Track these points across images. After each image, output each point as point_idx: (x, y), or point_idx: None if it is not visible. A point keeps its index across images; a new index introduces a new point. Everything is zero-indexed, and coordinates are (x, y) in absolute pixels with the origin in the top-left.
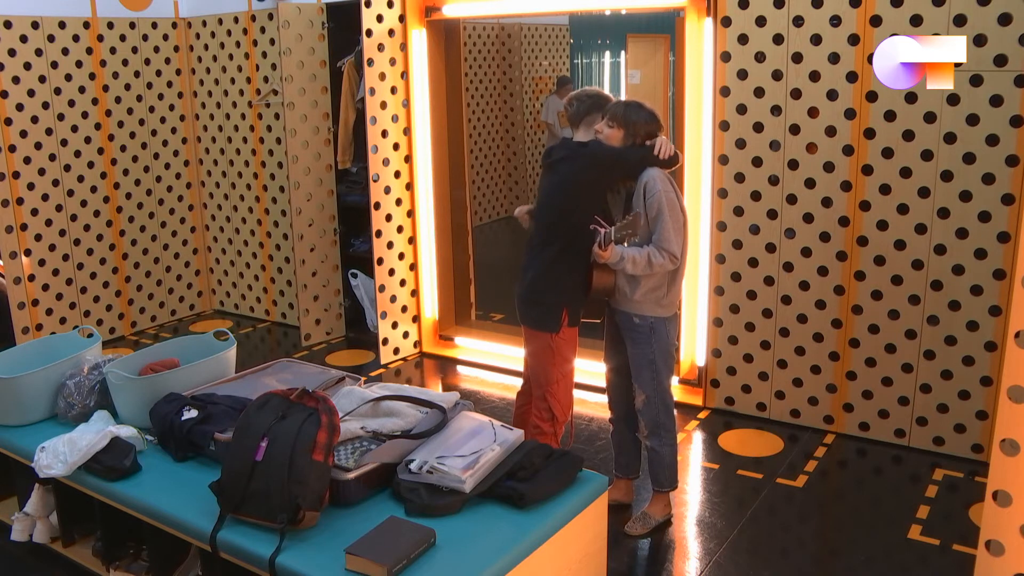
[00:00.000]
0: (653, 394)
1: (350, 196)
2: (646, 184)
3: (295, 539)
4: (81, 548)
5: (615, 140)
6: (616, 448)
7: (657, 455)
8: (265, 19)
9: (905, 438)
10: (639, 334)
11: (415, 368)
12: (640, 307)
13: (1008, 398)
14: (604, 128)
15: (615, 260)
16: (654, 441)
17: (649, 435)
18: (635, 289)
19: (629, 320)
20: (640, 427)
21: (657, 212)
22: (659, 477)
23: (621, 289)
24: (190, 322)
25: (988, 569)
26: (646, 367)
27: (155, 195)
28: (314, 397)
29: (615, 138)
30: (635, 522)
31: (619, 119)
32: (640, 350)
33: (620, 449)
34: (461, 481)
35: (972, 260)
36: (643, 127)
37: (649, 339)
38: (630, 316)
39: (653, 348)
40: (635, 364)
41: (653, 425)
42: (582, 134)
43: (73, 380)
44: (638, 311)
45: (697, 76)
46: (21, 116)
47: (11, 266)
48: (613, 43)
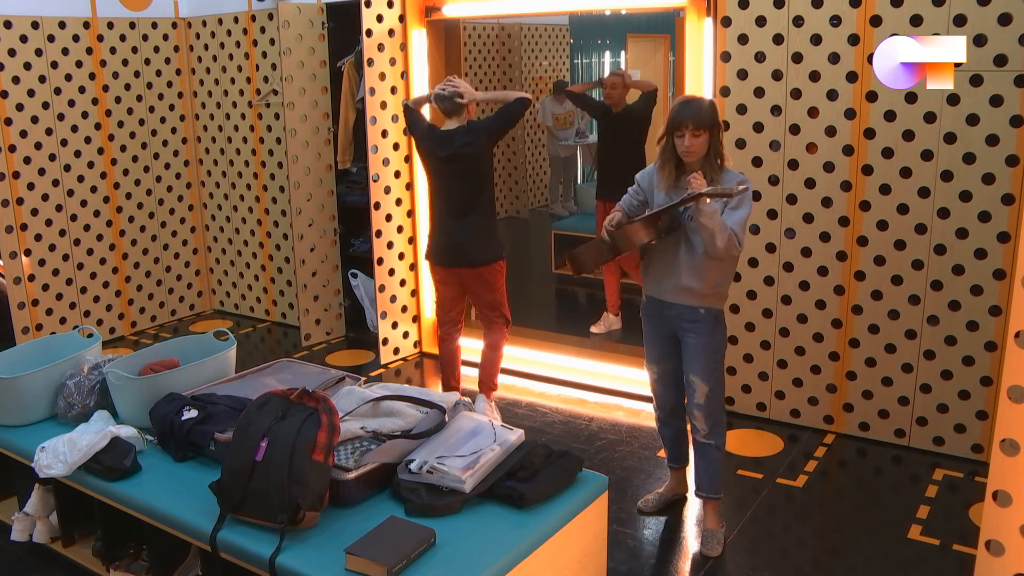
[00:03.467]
0: (716, 385)
1: (350, 196)
2: (740, 180)
3: (295, 539)
4: (81, 548)
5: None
6: (670, 440)
7: (715, 453)
8: (265, 19)
9: (905, 438)
10: (704, 325)
11: (415, 368)
12: (707, 300)
13: (1008, 398)
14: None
15: (712, 210)
16: (715, 437)
17: (709, 432)
18: (703, 283)
19: (693, 312)
20: (697, 425)
21: (741, 204)
22: (715, 482)
23: (685, 284)
24: (190, 322)
25: (988, 569)
26: (710, 357)
27: (155, 195)
28: (314, 397)
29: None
30: (710, 543)
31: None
32: (705, 340)
33: (675, 440)
34: (461, 481)
35: (972, 260)
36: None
37: (714, 329)
38: (694, 309)
39: (717, 338)
40: (697, 355)
41: (713, 420)
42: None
43: (73, 380)
44: (704, 304)
45: (697, 76)
46: (21, 116)
47: (11, 266)
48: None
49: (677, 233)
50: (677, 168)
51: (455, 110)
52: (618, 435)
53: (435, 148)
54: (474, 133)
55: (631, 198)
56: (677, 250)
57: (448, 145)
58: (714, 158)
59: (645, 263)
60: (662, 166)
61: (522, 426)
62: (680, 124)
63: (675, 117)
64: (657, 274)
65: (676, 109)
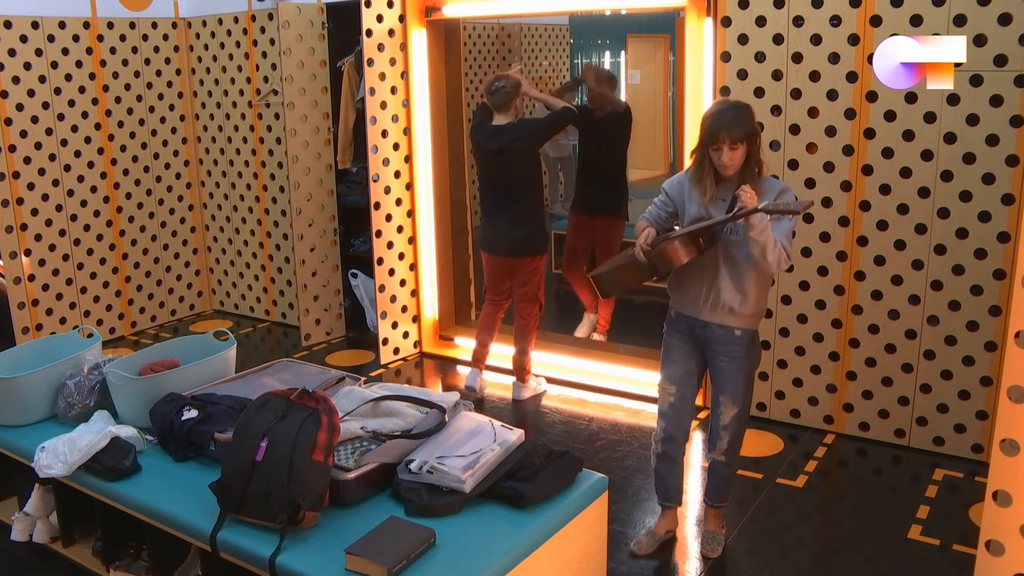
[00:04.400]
0: (744, 407)
1: (350, 196)
2: (782, 189)
3: (295, 539)
4: (81, 548)
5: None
6: (668, 475)
7: (727, 470)
8: (265, 19)
9: (905, 438)
10: (739, 347)
11: (415, 368)
12: (746, 320)
13: (1008, 398)
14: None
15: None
16: (731, 456)
17: (727, 450)
18: (745, 302)
19: (728, 334)
20: (719, 445)
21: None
22: (723, 492)
23: (727, 303)
24: (190, 322)
25: (988, 569)
26: (743, 379)
27: (155, 195)
28: (314, 397)
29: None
30: (711, 544)
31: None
32: (738, 364)
33: (672, 474)
34: (461, 481)
35: (972, 260)
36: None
37: (749, 351)
38: (730, 329)
39: (752, 360)
40: (730, 377)
41: (734, 440)
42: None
43: (73, 380)
44: (741, 324)
45: (697, 76)
46: (21, 116)
47: (11, 266)
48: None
49: (715, 248)
50: (717, 181)
51: (503, 102)
52: (618, 435)
53: (485, 142)
54: (523, 130)
55: (659, 210)
56: (717, 266)
57: (498, 139)
58: (753, 166)
59: (675, 277)
60: (700, 180)
61: (522, 426)
62: (717, 137)
63: (712, 129)
64: (691, 291)
65: (712, 120)
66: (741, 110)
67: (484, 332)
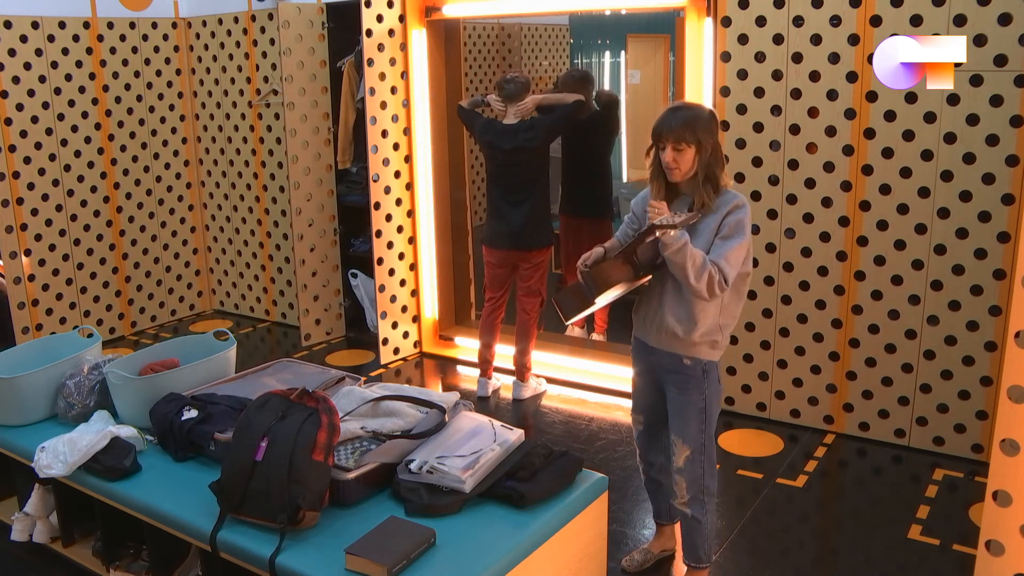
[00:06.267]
0: (699, 449)
1: (350, 196)
2: (737, 203)
3: (295, 539)
4: (81, 548)
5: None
6: (655, 493)
7: (698, 525)
8: (265, 19)
9: (905, 438)
10: (689, 378)
11: (415, 368)
12: (693, 349)
13: (1008, 398)
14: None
15: (678, 244)
16: (695, 508)
17: (690, 501)
18: (692, 329)
19: (676, 362)
20: (677, 492)
21: (734, 232)
22: (698, 551)
23: (670, 328)
24: (190, 322)
25: (988, 569)
26: (694, 417)
27: (155, 195)
28: (314, 397)
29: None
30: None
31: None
32: (688, 397)
33: (659, 493)
34: (461, 481)
35: (972, 260)
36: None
37: (701, 384)
38: (678, 357)
39: (705, 394)
40: (680, 414)
41: (696, 488)
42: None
43: (73, 380)
44: (689, 353)
45: (697, 76)
46: (21, 116)
47: (11, 266)
48: (613, 43)
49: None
50: (668, 188)
51: (516, 92)
52: (618, 435)
53: (498, 141)
54: (536, 129)
55: (627, 227)
56: (663, 287)
57: (512, 139)
58: (702, 177)
59: (638, 300)
60: (652, 178)
61: (522, 426)
62: (659, 135)
63: (657, 126)
64: (642, 313)
65: (661, 117)
66: (695, 112)
67: (487, 333)
